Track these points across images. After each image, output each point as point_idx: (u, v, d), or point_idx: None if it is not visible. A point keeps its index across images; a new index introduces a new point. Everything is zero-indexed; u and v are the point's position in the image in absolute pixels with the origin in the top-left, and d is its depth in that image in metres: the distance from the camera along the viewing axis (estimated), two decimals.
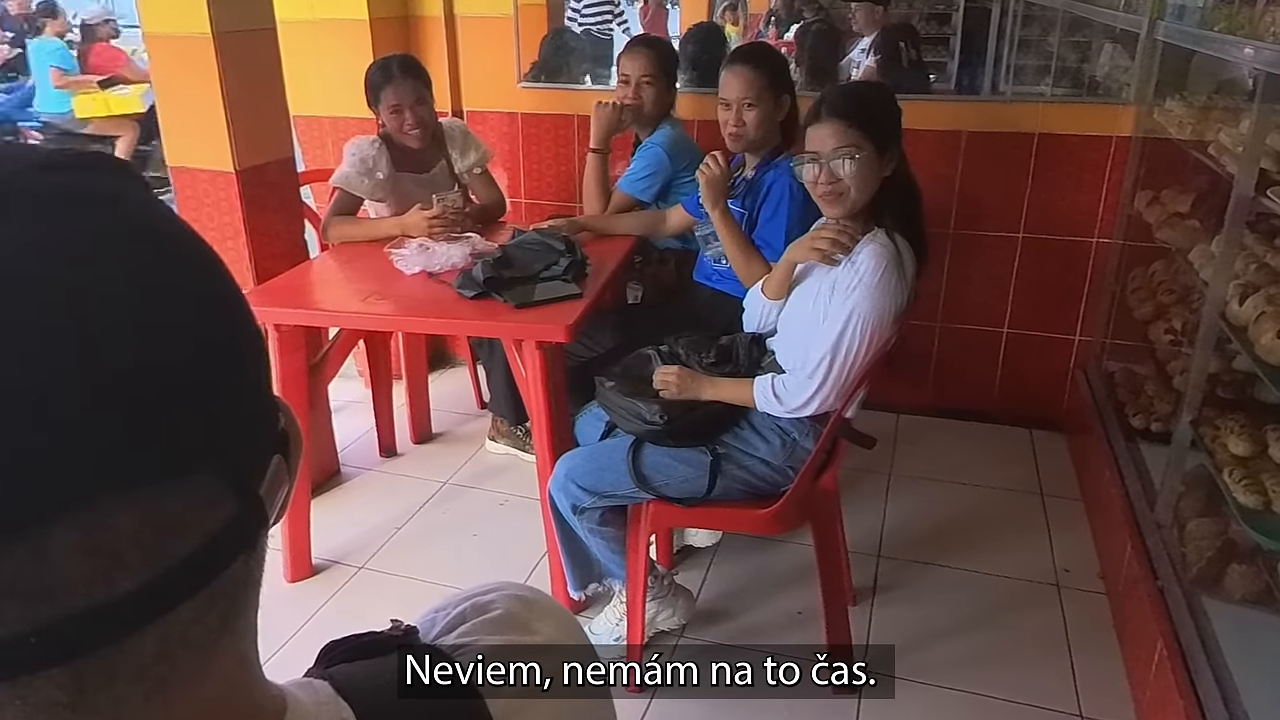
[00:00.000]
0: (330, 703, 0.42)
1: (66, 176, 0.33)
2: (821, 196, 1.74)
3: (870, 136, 1.68)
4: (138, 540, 0.30)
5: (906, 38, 3.38)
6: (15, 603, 0.28)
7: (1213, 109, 2.18)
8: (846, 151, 1.68)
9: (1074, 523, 2.48)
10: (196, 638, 0.33)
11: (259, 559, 0.36)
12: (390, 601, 2.20)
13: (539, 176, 3.25)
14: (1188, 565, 1.81)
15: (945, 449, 2.87)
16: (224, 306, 0.35)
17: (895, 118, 1.75)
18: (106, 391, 0.29)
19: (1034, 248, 2.81)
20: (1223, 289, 1.78)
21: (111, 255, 0.31)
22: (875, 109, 1.72)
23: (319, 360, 2.32)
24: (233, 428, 0.34)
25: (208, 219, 2.35)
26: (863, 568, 2.28)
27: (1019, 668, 1.96)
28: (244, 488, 0.34)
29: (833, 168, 1.69)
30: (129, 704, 0.32)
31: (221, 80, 2.22)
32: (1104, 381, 2.66)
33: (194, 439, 0.32)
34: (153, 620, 0.31)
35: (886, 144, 1.71)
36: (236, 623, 0.35)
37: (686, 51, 3.26)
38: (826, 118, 1.70)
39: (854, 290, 1.68)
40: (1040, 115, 2.71)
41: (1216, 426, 1.79)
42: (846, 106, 1.70)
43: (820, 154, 1.70)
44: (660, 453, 1.81)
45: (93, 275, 0.30)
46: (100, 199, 0.33)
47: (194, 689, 0.34)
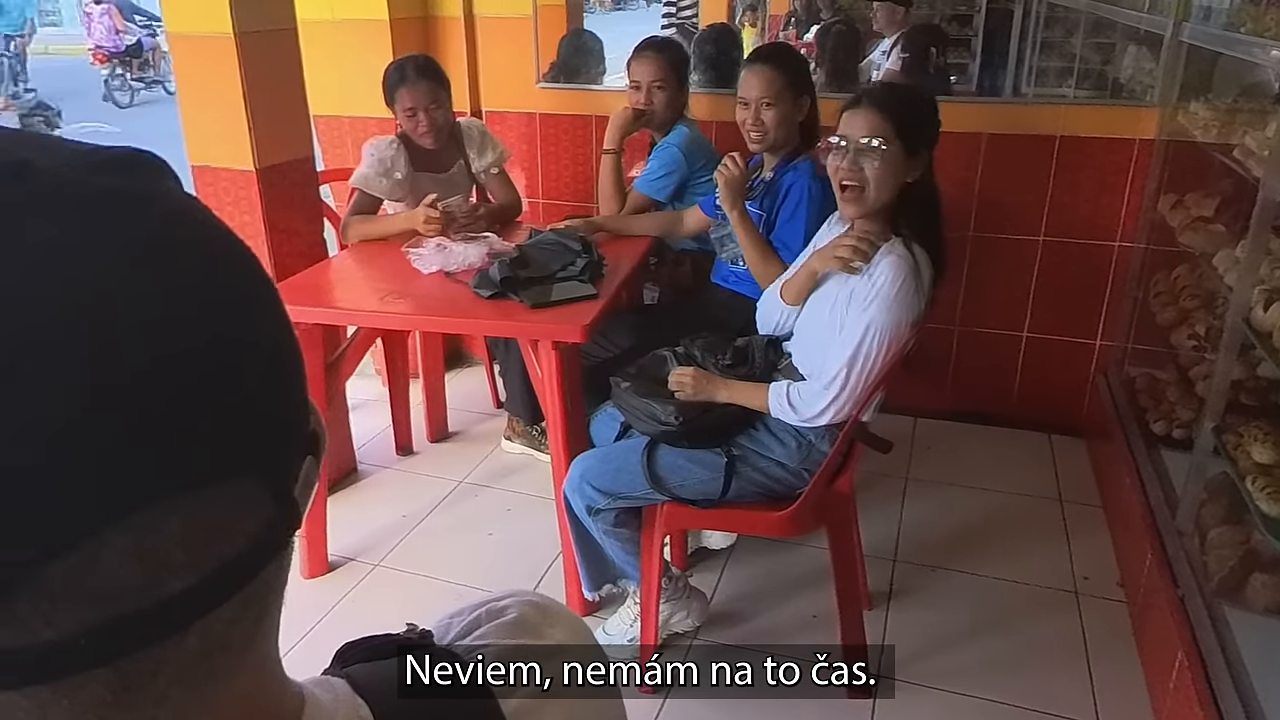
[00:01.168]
0: (348, 700, 0.43)
1: (113, 179, 0.32)
2: (840, 188, 1.73)
3: (901, 136, 1.68)
4: (185, 544, 0.31)
5: (937, 42, 3.34)
6: (67, 606, 0.29)
7: (1238, 112, 2.16)
8: (875, 144, 1.67)
9: (1093, 529, 2.45)
10: (234, 637, 0.34)
11: (288, 559, 0.37)
12: (406, 599, 2.21)
13: (556, 177, 3.26)
14: (1209, 574, 1.79)
15: (963, 453, 2.84)
16: (264, 309, 0.36)
17: (932, 126, 1.75)
18: (155, 400, 0.30)
19: (1055, 251, 2.79)
20: (1248, 294, 1.76)
21: (158, 263, 0.31)
22: (914, 111, 1.72)
23: (336, 358, 2.33)
24: (270, 431, 0.34)
25: (228, 218, 2.35)
26: (878, 572, 2.27)
27: (1036, 675, 1.94)
28: (281, 490, 0.35)
29: (858, 157, 1.69)
30: (172, 701, 0.32)
31: (243, 80, 2.24)
32: (1125, 387, 2.63)
33: (236, 444, 0.32)
34: (196, 621, 0.32)
35: (916, 148, 1.70)
36: (265, 621, 0.36)
37: (703, 52, 3.26)
38: (865, 106, 1.70)
39: (871, 303, 1.67)
40: (1062, 117, 2.69)
41: (1239, 433, 1.77)
42: (887, 100, 1.70)
43: (848, 139, 1.70)
44: (675, 454, 1.81)
45: (140, 284, 0.30)
46: (144, 200, 0.33)
47: (229, 686, 0.35)
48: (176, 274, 0.32)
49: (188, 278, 0.32)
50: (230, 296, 0.34)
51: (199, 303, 0.32)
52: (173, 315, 0.31)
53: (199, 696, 0.33)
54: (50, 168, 0.31)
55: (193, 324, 0.31)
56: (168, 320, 0.31)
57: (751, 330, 2.03)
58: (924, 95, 1.81)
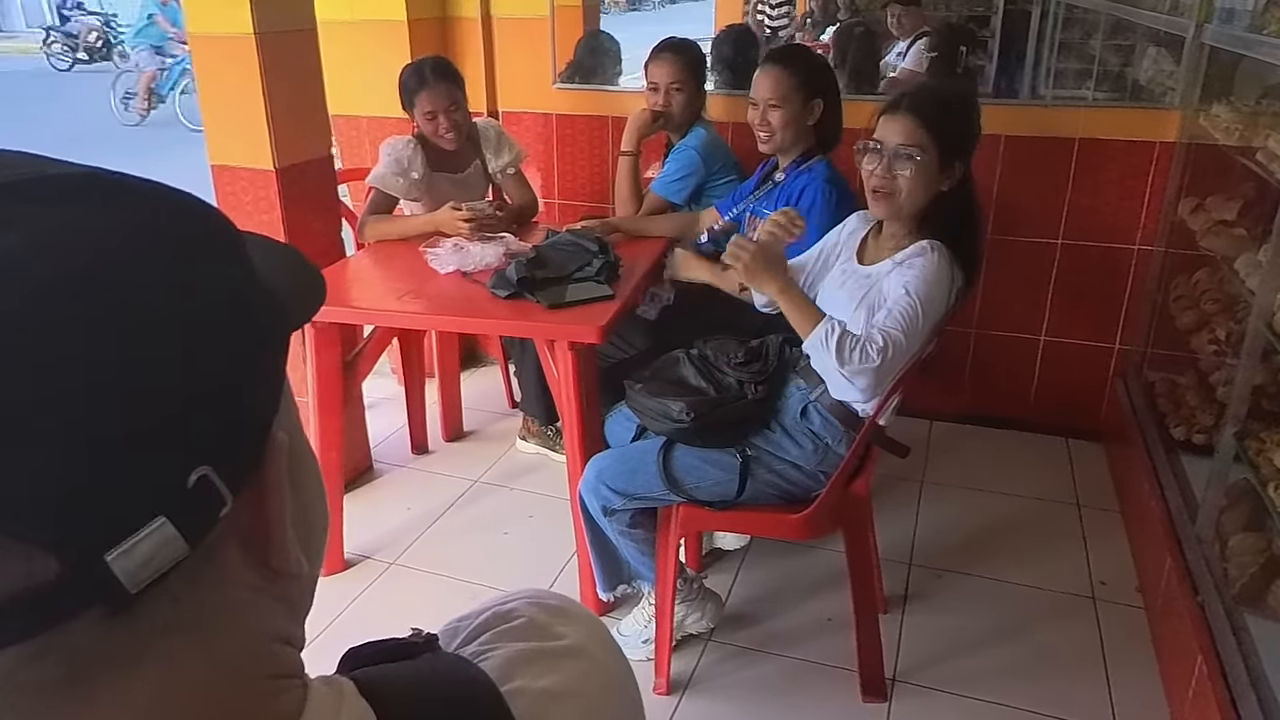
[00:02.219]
0: (353, 701, 0.43)
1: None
2: (872, 189, 1.72)
3: (937, 143, 1.67)
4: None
5: (967, 42, 3.30)
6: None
7: (1261, 114, 2.14)
8: (909, 152, 1.66)
9: (1111, 535, 2.44)
10: (28, 684, 0.32)
11: (129, 623, 0.34)
12: (421, 597, 2.22)
13: (573, 177, 3.26)
14: (1230, 581, 1.77)
15: (979, 457, 2.83)
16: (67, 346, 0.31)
17: (971, 133, 1.73)
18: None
19: (1073, 254, 2.77)
20: (1270, 298, 1.74)
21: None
22: (954, 121, 1.70)
23: (354, 357, 2.35)
24: (49, 487, 0.31)
25: (247, 217, 2.39)
26: (894, 575, 2.26)
27: (1052, 681, 1.93)
28: (74, 553, 0.31)
29: (892, 163, 1.68)
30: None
31: (263, 80, 2.25)
32: (1144, 391, 2.61)
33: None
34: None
35: (952, 157, 1.69)
36: (97, 674, 0.34)
37: (721, 53, 3.26)
38: (904, 112, 1.69)
39: (912, 284, 1.65)
40: (1082, 120, 2.67)
41: (1261, 439, 1.75)
42: (928, 108, 1.68)
43: (884, 144, 1.69)
44: (691, 455, 1.80)
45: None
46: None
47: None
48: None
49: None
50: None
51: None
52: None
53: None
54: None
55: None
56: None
57: (766, 331, 2.02)
58: (968, 101, 1.79)
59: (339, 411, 2.30)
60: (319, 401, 2.25)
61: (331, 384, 2.25)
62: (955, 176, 1.70)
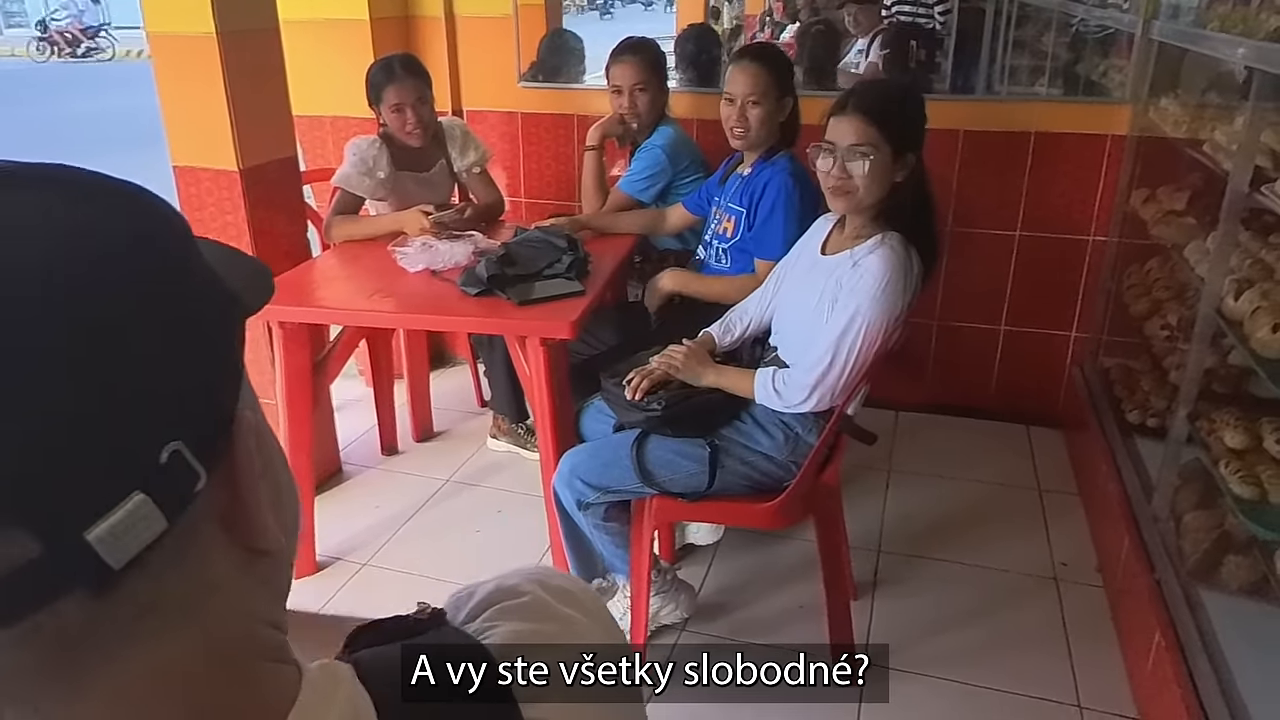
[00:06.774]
0: (349, 687, 0.43)
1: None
2: (830, 189, 1.76)
3: (888, 138, 1.70)
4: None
5: (919, 37, 3.34)
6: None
7: (1207, 107, 2.21)
8: (862, 151, 1.70)
9: (1071, 517, 2.50)
10: (15, 668, 0.33)
11: (115, 603, 0.34)
12: (394, 597, 2.19)
13: (539, 176, 3.27)
14: (1185, 557, 1.83)
15: (944, 445, 2.89)
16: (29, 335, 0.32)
17: (918, 124, 1.77)
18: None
19: (1031, 246, 2.84)
20: (1219, 284, 1.80)
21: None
22: (900, 112, 1.74)
23: (322, 359, 2.33)
24: (21, 465, 0.31)
25: (210, 219, 2.37)
26: (863, 562, 2.30)
27: (1018, 660, 1.98)
28: (54, 531, 0.31)
29: (845, 162, 1.71)
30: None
31: (225, 79, 2.23)
32: (1100, 377, 2.69)
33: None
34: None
35: (904, 149, 1.73)
36: (84, 657, 0.34)
37: (685, 51, 3.28)
38: (851, 112, 1.72)
39: (858, 293, 1.70)
40: (1036, 114, 2.74)
41: (1212, 420, 1.81)
42: (872, 105, 1.71)
43: (837, 146, 1.72)
44: (664, 448, 1.83)
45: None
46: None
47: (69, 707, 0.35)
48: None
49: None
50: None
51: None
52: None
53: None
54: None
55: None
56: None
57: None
58: (911, 93, 1.84)
59: (308, 414, 2.28)
60: (288, 404, 2.23)
61: (300, 386, 2.24)
62: (908, 167, 1.75)
